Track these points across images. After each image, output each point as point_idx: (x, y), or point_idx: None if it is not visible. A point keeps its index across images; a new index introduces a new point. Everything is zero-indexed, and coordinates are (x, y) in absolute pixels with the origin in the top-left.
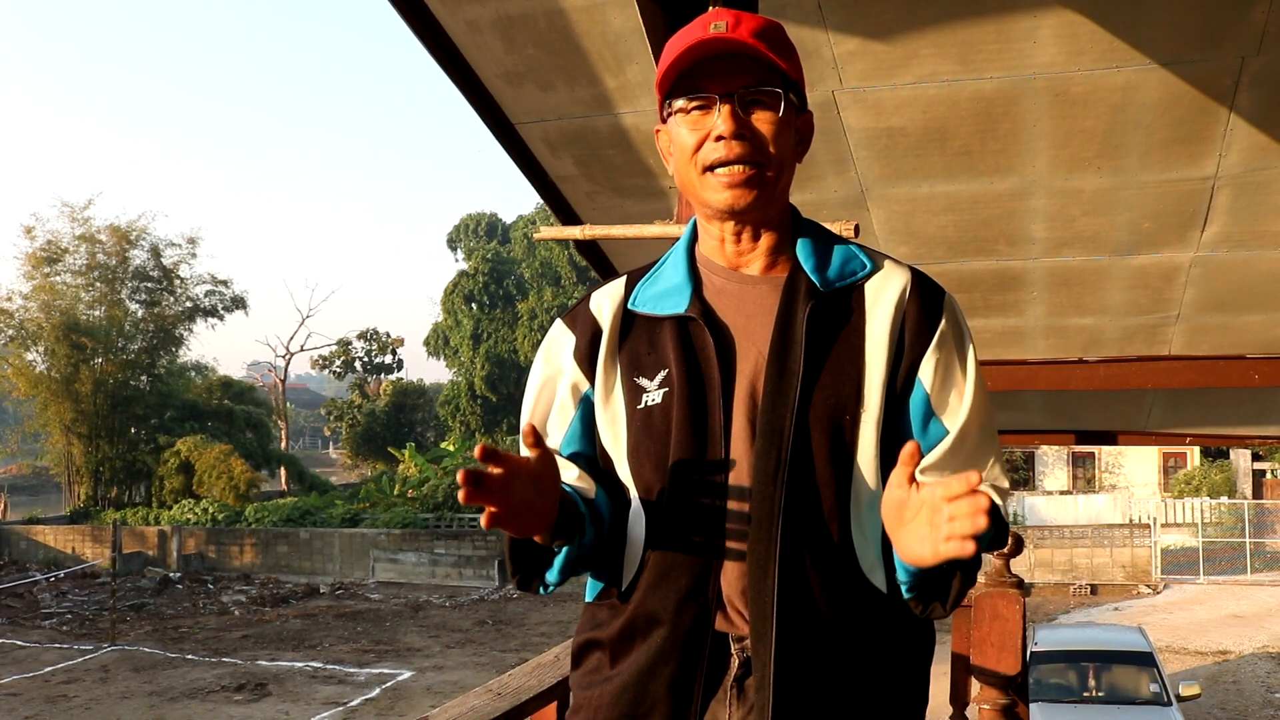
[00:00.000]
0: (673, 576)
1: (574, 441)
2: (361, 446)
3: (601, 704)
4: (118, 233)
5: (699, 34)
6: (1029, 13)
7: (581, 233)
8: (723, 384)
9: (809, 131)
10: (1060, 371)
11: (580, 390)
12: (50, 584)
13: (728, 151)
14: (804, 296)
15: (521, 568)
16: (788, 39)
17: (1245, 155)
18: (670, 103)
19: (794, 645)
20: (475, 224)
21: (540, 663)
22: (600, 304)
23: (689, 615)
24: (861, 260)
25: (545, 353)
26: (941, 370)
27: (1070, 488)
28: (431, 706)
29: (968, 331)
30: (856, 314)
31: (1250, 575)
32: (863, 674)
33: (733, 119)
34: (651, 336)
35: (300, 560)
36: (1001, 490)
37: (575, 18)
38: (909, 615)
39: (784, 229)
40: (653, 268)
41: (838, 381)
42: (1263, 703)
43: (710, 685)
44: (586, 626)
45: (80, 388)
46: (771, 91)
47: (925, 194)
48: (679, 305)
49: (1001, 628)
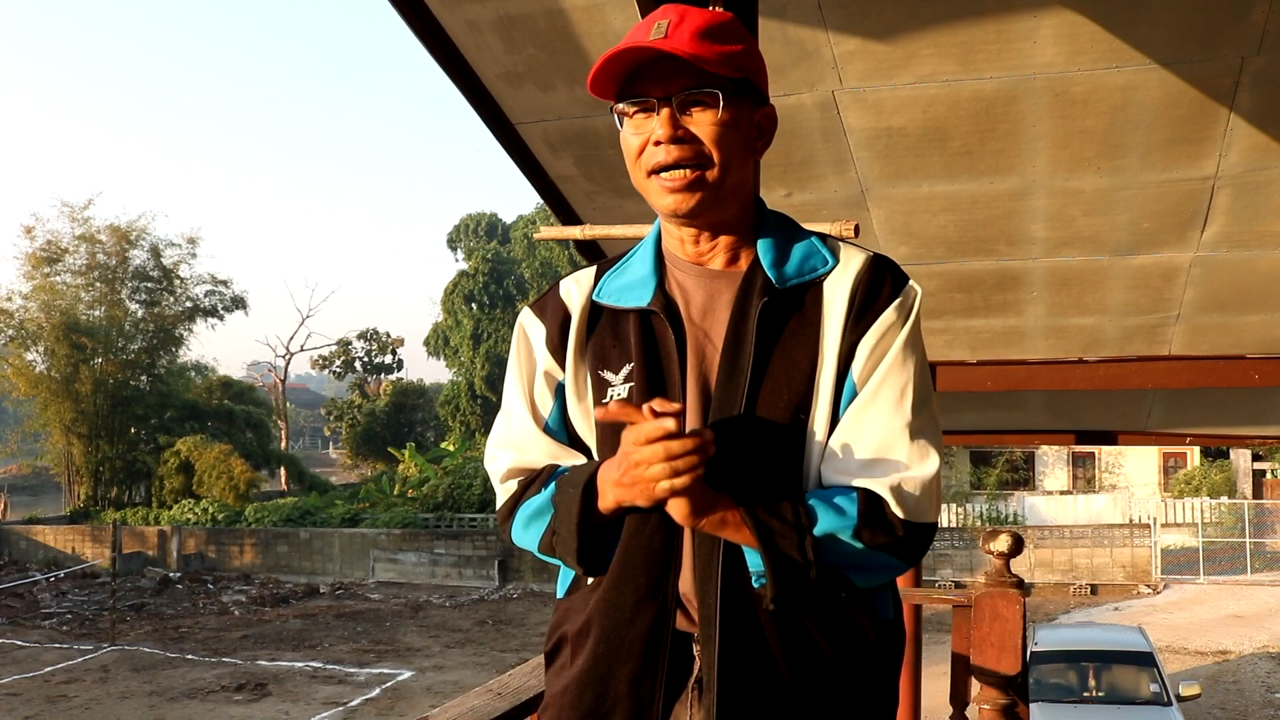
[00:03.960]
0: (632, 575)
1: (559, 429)
2: (361, 446)
3: (566, 702)
4: (118, 233)
5: (638, 38)
6: (1029, 13)
7: (581, 233)
8: (681, 379)
9: (770, 125)
10: (1060, 371)
11: (555, 379)
12: (50, 584)
13: (666, 156)
14: (758, 293)
15: (588, 555)
16: (739, 31)
17: (1245, 155)
18: (616, 106)
19: (739, 647)
20: (475, 224)
21: (540, 663)
22: (569, 290)
23: (648, 614)
24: (823, 256)
25: (517, 344)
26: (872, 362)
27: (1070, 488)
28: (431, 706)
29: (913, 322)
30: (813, 309)
31: (1250, 575)
32: (813, 676)
33: (669, 123)
34: (616, 329)
35: (300, 560)
36: (905, 493)
37: (575, 18)
38: (867, 616)
39: (744, 224)
40: (622, 259)
41: (790, 377)
42: (1263, 703)
43: (674, 686)
44: (558, 623)
45: (80, 388)
46: (710, 92)
47: (925, 194)
48: (642, 298)
49: (1001, 628)
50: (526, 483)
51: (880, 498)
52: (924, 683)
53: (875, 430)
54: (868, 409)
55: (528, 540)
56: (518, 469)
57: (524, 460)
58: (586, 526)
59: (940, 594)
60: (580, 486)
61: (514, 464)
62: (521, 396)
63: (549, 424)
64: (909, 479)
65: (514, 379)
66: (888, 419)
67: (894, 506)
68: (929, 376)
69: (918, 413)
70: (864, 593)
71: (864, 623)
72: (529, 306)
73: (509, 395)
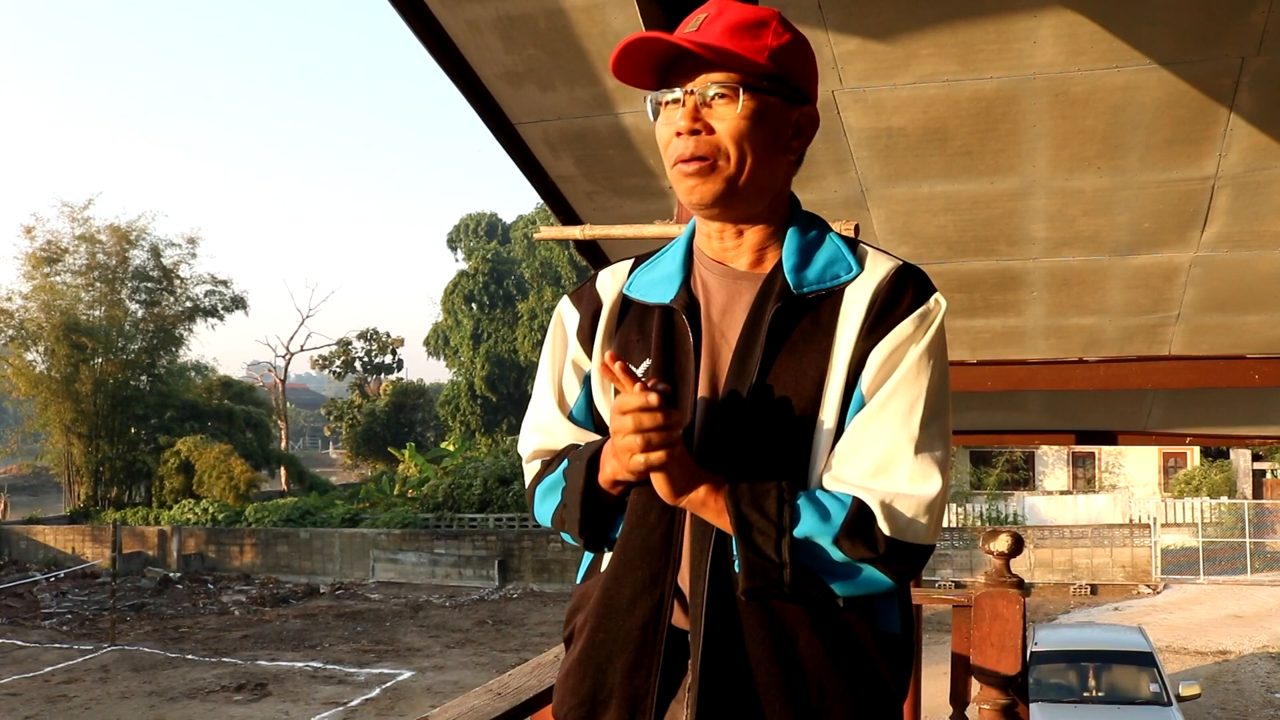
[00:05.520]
0: (631, 566)
1: (584, 417)
2: (361, 446)
3: (568, 687)
4: (118, 233)
5: (679, 30)
6: (1029, 13)
7: (581, 233)
8: (695, 377)
9: (809, 124)
10: (1060, 371)
11: (583, 368)
12: (50, 584)
13: (683, 148)
14: (775, 297)
15: (590, 527)
16: (779, 28)
17: (1245, 155)
18: (652, 97)
19: (725, 643)
20: (475, 224)
21: (540, 663)
22: (604, 282)
23: (645, 607)
24: (848, 263)
25: (553, 331)
26: (883, 373)
27: (1070, 488)
28: (431, 706)
29: (933, 336)
30: (829, 317)
31: (1250, 575)
32: (801, 680)
33: (689, 115)
34: (642, 323)
35: (300, 560)
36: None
37: (575, 18)
38: (865, 624)
39: (773, 225)
40: (657, 253)
41: (798, 383)
42: (1263, 703)
43: (670, 682)
44: (574, 609)
45: (80, 388)
46: (729, 86)
47: (925, 194)
48: (666, 295)
49: (1001, 628)
50: (548, 461)
51: (870, 510)
52: (924, 683)
53: (879, 442)
54: (874, 420)
55: (544, 514)
56: (543, 450)
57: (549, 443)
58: (589, 498)
59: (940, 594)
60: (585, 459)
61: (540, 445)
62: (550, 384)
63: (574, 413)
64: (903, 497)
65: (546, 366)
66: (893, 432)
67: (881, 522)
68: (947, 394)
69: (925, 428)
70: (863, 600)
71: (861, 631)
72: (568, 296)
73: (540, 381)
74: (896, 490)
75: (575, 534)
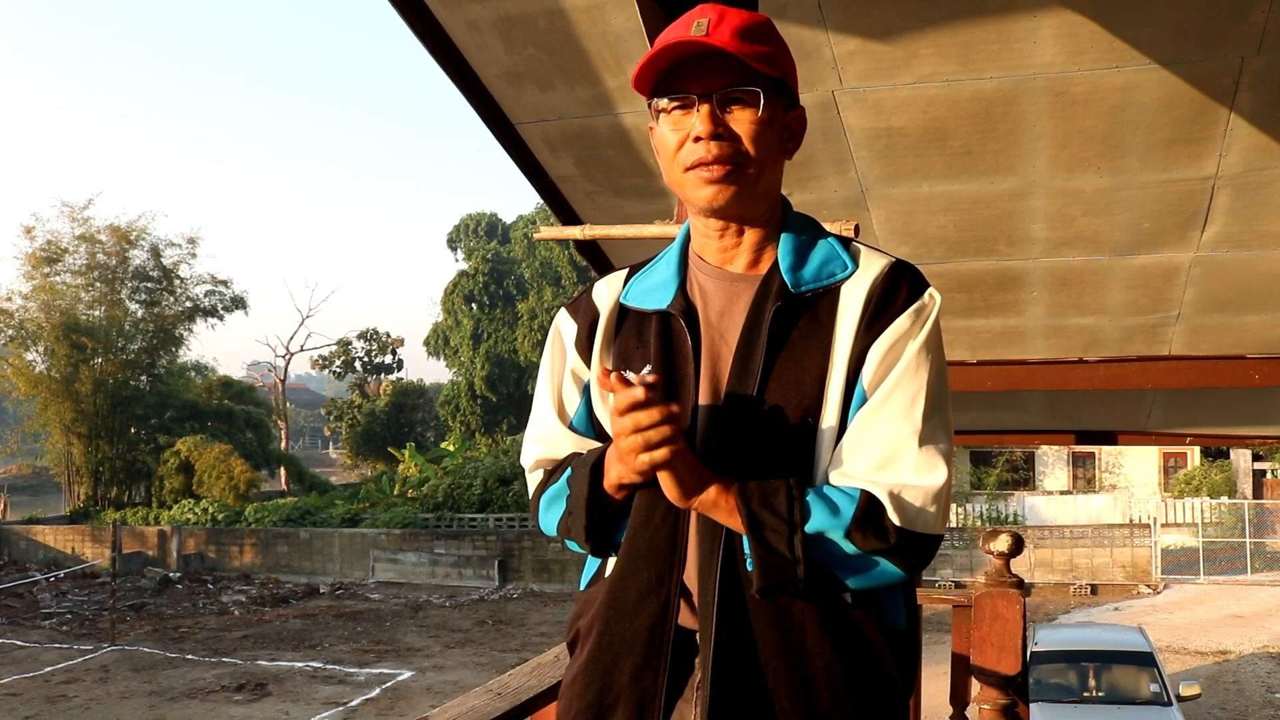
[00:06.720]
0: (636, 568)
1: (584, 427)
2: (361, 446)
3: (574, 692)
4: (118, 233)
5: (679, 34)
6: (1029, 13)
7: (581, 233)
8: (695, 380)
9: (800, 127)
10: (1060, 371)
11: (582, 378)
12: (50, 584)
13: (705, 153)
14: (773, 297)
15: (596, 533)
16: (774, 34)
17: (1245, 155)
18: (654, 103)
19: (735, 642)
20: (475, 224)
21: (540, 663)
22: (600, 293)
23: (651, 608)
24: (843, 261)
25: (551, 342)
26: (883, 368)
27: (1070, 488)
28: (431, 706)
29: (930, 330)
30: (827, 315)
31: (1250, 575)
32: (810, 677)
33: (710, 120)
34: (640, 330)
35: (300, 560)
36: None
37: (575, 18)
38: (874, 620)
39: (770, 226)
40: (650, 261)
41: (800, 381)
42: (1263, 703)
43: (677, 682)
44: (577, 615)
45: (80, 388)
46: (751, 90)
47: (925, 194)
48: (663, 300)
49: (1001, 628)
50: (551, 471)
51: (879, 502)
52: (924, 683)
53: (883, 436)
54: (877, 414)
55: (549, 524)
56: (545, 460)
57: (551, 453)
58: (595, 504)
59: (940, 594)
60: (589, 466)
61: (542, 455)
62: (550, 394)
63: (574, 423)
64: (911, 487)
65: (545, 377)
66: (896, 425)
67: (891, 513)
68: (945, 387)
69: (928, 421)
70: (870, 597)
71: (870, 627)
72: (565, 307)
73: (539, 393)
74: (904, 482)
75: (582, 540)
